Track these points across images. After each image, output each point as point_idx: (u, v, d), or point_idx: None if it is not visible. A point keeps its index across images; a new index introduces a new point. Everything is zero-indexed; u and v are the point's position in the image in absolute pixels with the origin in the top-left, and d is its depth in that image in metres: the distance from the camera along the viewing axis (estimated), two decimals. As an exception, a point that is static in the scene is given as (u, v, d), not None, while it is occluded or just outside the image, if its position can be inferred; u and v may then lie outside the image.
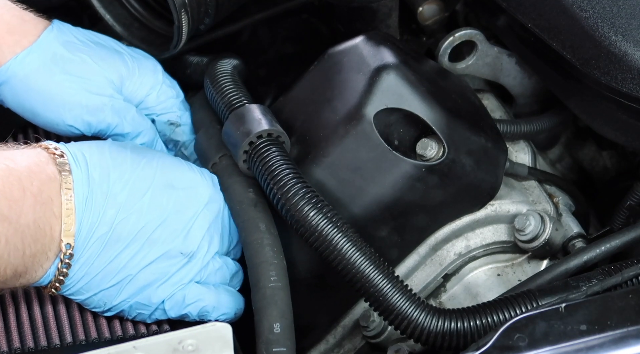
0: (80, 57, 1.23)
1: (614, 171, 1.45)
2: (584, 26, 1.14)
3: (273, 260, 1.09)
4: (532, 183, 1.29)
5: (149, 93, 1.27)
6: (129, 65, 1.26)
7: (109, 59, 1.25)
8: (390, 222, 1.19)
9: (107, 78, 1.24)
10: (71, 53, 1.23)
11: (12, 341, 1.08)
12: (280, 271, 1.09)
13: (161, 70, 1.29)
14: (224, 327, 0.99)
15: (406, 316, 1.08)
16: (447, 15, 1.39)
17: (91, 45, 1.25)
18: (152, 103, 1.27)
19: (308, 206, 1.10)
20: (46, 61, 1.21)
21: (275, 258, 1.10)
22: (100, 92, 1.22)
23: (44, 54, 1.21)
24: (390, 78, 1.17)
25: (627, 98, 1.13)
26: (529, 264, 1.25)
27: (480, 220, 1.24)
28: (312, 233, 1.09)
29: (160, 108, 1.27)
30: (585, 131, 1.42)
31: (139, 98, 1.26)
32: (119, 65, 1.25)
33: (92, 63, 1.23)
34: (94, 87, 1.22)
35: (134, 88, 1.26)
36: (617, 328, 0.97)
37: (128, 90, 1.26)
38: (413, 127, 1.18)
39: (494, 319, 1.07)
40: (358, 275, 1.09)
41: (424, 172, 1.16)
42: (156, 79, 1.28)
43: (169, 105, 1.28)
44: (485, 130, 1.22)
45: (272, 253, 1.10)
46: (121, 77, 1.25)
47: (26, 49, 1.20)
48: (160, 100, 1.27)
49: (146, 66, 1.28)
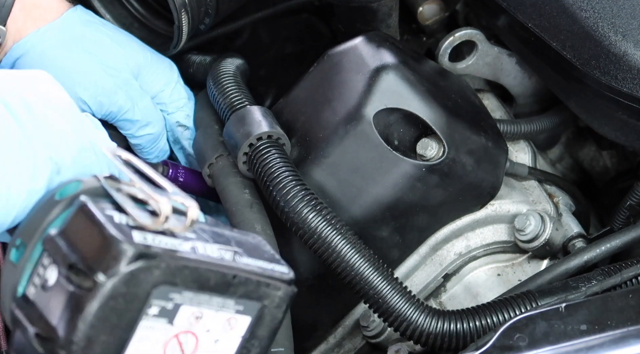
0: (100, 38, 1.22)
1: (614, 171, 1.45)
2: (584, 26, 1.14)
3: None
4: (532, 183, 1.29)
5: (163, 89, 1.26)
6: (147, 56, 1.26)
7: (128, 45, 1.25)
8: (390, 222, 1.19)
9: (125, 63, 1.23)
10: (92, 33, 1.22)
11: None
12: None
13: (177, 70, 1.29)
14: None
15: (405, 318, 1.08)
16: (447, 15, 1.39)
17: (113, 29, 1.25)
18: (165, 99, 1.27)
19: (307, 208, 1.10)
20: (66, 38, 1.20)
21: None
22: (116, 74, 1.22)
23: (64, 31, 1.20)
24: (390, 78, 1.17)
25: (627, 98, 1.13)
26: (529, 264, 1.25)
27: (480, 220, 1.24)
28: (311, 236, 1.09)
29: (172, 107, 1.27)
30: (585, 131, 1.42)
31: (153, 92, 1.26)
32: (138, 53, 1.25)
33: (112, 45, 1.23)
34: (111, 69, 1.22)
35: (150, 80, 1.26)
36: (618, 327, 0.97)
37: (144, 80, 1.25)
38: (413, 127, 1.18)
39: (493, 321, 1.07)
40: (357, 277, 1.09)
41: (424, 171, 1.16)
42: (172, 76, 1.28)
43: (180, 104, 1.28)
44: (486, 130, 1.22)
45: None
46: (139, 65, 1.25)
47: (48, 23, 1.20)
48: (173, 98, 1.27)
49: (163, 62, 1.28)
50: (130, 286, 0.76)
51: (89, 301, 0.75)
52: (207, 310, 0.79)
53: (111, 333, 0.76)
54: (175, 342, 0.79)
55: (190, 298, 0.78)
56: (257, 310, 0.82)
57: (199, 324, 0.79)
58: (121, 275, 0.75)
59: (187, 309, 0.78)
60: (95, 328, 0.75)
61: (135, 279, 0.76)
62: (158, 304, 0.77)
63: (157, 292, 0.77)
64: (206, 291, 0.79)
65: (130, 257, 0.76)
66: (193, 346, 0.80)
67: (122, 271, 0.75)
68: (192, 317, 0.79)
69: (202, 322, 0.80)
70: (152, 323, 0.77)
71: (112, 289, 0.75)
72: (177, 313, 0.78)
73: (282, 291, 0.83)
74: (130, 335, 0.77)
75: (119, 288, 0.76)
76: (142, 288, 0.76)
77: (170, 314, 0.78)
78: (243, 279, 0.81)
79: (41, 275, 0.79)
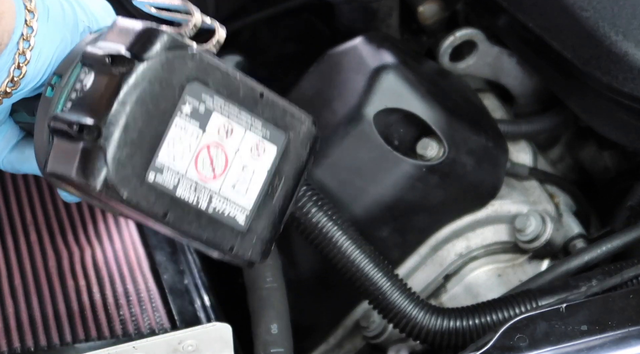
0: None
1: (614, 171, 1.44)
2: (584, 26, 1.14)
3: (268, 261, 1.09)
4: (532, 183, 1.29)
5: None
6: None
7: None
8: (391, 222, 1.19)
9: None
10: None
11: (12, 341, 1.08)
12: (275, 272, 1.09)
13: None
14: (224, 327, 0.99)
15: (406, 315, 1.08)
16: (447, 15, 1.39)
17: None
18: None
19: (309, 203, 1.09)
20: None
21: (270, 259, 1.09)
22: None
23: None
24: (390, 78, 1.17)
25: (628, 98, 1.13)
26: (529, 264, 1.25)
27: (480, 220, 1.24)
28: (313, 231, 1.09)
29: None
30: (586, 131, 1.42)
31: None
32: None
33: None
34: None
35: None
36: (618, 328, 0.97)
37: None
38: (413, 127, 1.18)
39: (494, 319, 1.07)
40: (358, 273, 1.09)
41: (424, 171, 1.16)
42: None
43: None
44: (486, 130, 1.22)
45: None
46: None
47: None
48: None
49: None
50: (165, 71, 0.78)
51: (125, 81, 0.77)
52: (236, 126, 0.82)
53: (147, 121, 0.78)
54: (206, 153, 0.81)
55: (220, 105, 0.81)
56: (282, 141, 0.85)
57: (228, 140, 0.82)
58: (157, 58, 0.78)
59: (218, 118, 0.81)
60: (132, 110, 0.77)
61: (170, 66, 0.78)
62: (191, 102, 0.79)
63: (190, 88, 0.79)
64: (235, 102, 0.81)
65: (166, 42, 0.79)
66: (222, 165, 0.82)
67: (158, 54, 0.78)
68: (223, 129, 0.81)
69: (232, 139, 0.82)
70: (185, 123, 0.79)
71: (147, 70, 0.78)
72: (209, 120, 0.80)
73: (306, 126, 0.86)
74: (165, 130, 0.78)
75: (155, 71, 0.78)
76: (176, 78, 0.79)
77: (203, 118, 0.80)
78: (270, 100, 0.83)
79: (78, 88, 0.81)
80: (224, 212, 0.83)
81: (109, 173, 0.76)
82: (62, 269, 1.19)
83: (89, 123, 0.77)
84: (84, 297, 1.16)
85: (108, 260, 1.21)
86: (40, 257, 1.19)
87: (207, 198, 0.82)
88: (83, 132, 0.77)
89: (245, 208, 0.84)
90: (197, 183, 0.81)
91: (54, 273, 1.18)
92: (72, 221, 1.25)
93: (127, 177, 0.77)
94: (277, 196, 0.86)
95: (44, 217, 1.25)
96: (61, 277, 1.18)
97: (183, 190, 0.80)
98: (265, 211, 0.85)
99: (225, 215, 0.83)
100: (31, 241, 1.21)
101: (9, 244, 1.20)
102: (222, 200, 0.82)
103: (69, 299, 1.14)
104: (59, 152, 0.80)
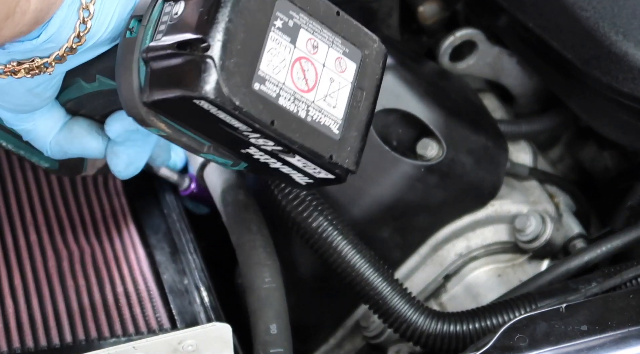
0: None
1: (615, 171, 1.44)
2: (584, 26, 1.14)
3: (266, 261, 1.09)
4: (532, 183, 1.29)
5: None
6: None
7: None
8: (391, 223, 1.19)
9: None
10: None
11: (12, 341, 1.08)
12: (274, 272, 1.09)
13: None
14: (224, 327, 0.99)
15: (406, 319, 1.08)
16: (447, 14, 1.39)
17: None
18: None
19: (309, 208, 1.09)
20: None
21: (268, 259, 1.09)
22: None
23: None
24: (388, 78, 1.17)
25: (628, 98, 1.13)
26: (529, 264, 1.25)
27: (480, 220, 1.24)
28: (312, 235, 1.09)
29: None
30: (586, 131, 1.42)
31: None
32: None
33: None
34: None
35: None
36: (618, 328, 0.97)
37: None
38: (412, 127, 1.18)
39: (493, 322, 1.07)
40: (357, 277, 1.09)
41: (423, 172, 1.16)
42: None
43: None
44: (486, 130, 1.22)
45: (265, 254, 1.10)
46: None
47: None
48: None
49: None
50: None
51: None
52: (320, 41, 0.86)
53: (247, 34, 0.81)
54: (299, 67, 0.85)
55: (305, 21, 0.85)
56: (359, 58, 0.89)
57: (315, 55, 0.86)
58: None
59: (305, 34, 0.85)
60: (234, 23, 0.80)
61: None
62: (281, 17, 0.83)
63: (279, 4, 0.83)
64: (318, 19, 0.86)
65: None
66: (314, 78, 0.86)
67: None
68: (310, 44, 0.86)
69: (319, 53, 0.86)
70: (279, 37, 0.83)
71: None
72: (298, 35, 0.85)
73: (377, 44, 0.91)
74: (263, 42, 0.82)
75: None
76: None
77: (292, 33, 0.84)
78: (345, 18, 0.88)
79: (165, 20, 0.84)
80: (320, 121, 0.86)
81: (220, 82, 0.79)
82: (62, 269, 1.19)
83: (193, 38, 0.80)
84: (84, 297, 1.16)
85: (108, 260, 1.21)
86: (40, 257, 1.19)
87: (305, 108, 0.85)
88: (187, 49, 0.80)
89: (337, 118, 0.88)
90: (295, 93, 0.84)
91: (54, 273, 1.18)
92: (72, 221, 1.25)
93: (237, 85, 0.80)
94: (362, 108, 0.90)
95: (43, 217, 1.24)
96: (61, 277, 1.18)
97: (284, 99, 0.84)
98: (353, 122, 0.89)
99: (322, 124, 0.86)
100: (31, 241, 1.21)
101: (8, 244, 1.20)
102: (317, 110, 0.86)
103: (69, 300, 1.13)
104: (159, 77, 0.83)
